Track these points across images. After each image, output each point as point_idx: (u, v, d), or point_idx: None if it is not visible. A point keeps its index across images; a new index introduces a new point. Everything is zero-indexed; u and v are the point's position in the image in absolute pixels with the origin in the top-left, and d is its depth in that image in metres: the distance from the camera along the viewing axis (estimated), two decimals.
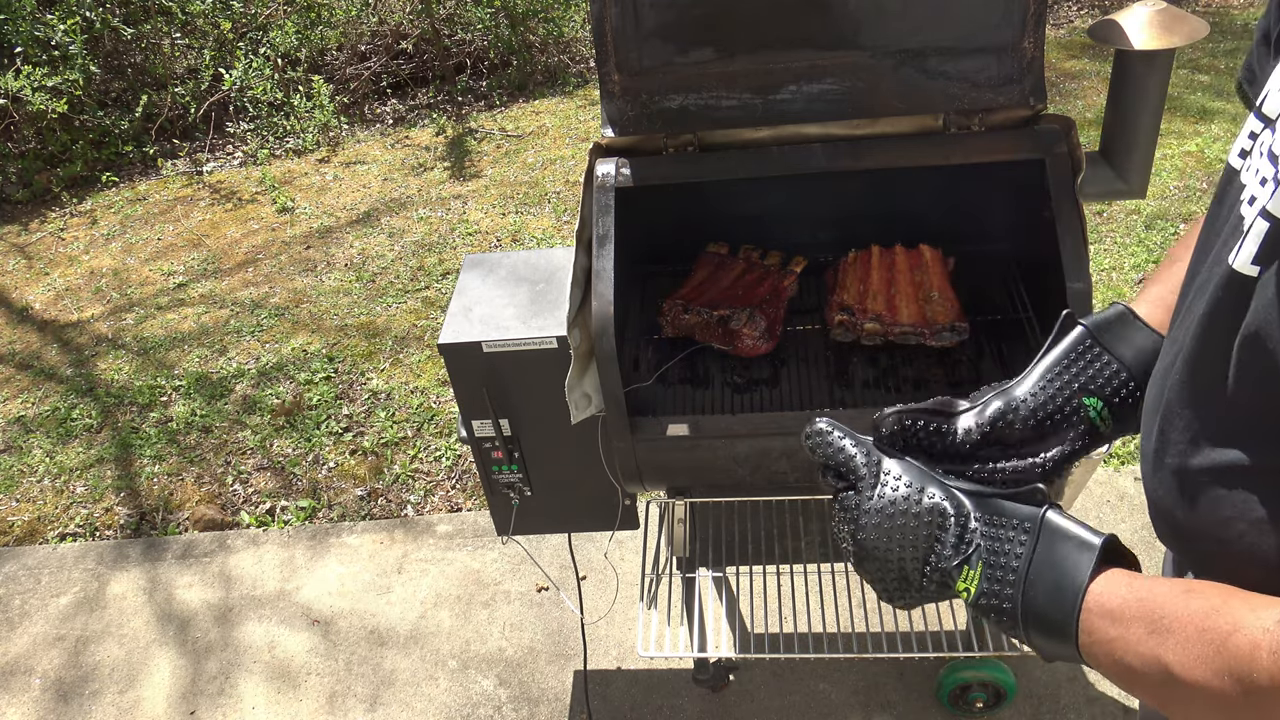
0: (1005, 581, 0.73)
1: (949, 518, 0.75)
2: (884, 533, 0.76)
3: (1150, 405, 0.80)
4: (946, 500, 0.76)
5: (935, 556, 0.76)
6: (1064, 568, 0.71)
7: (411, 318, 3.55)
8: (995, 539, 0.74)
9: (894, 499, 0.77)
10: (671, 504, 1.85)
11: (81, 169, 4.85)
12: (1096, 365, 0.87)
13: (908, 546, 0.76)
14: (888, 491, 0.77)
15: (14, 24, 4.43)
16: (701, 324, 1.70)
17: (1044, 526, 0.73)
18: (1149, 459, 0.79)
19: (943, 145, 1.46)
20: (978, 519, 0.75)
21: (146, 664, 2.43)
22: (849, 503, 0.78)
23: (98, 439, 3.17)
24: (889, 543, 0.76)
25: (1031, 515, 0.74)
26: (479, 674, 2.30)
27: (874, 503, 0.77)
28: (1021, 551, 0.73)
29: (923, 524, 0.76)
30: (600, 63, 1.48)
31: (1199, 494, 0.72)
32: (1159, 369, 0.80)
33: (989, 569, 0.74)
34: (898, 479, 0.77)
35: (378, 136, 5.06)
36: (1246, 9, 5.31)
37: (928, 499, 0.76)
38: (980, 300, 1.73)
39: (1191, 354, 0.72)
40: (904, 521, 0.76)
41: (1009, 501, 0.76)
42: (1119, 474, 2.60)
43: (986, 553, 0.74)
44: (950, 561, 0.75)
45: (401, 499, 2.83)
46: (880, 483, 0.77)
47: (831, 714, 2.12)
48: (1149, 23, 1.46)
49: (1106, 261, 3.38)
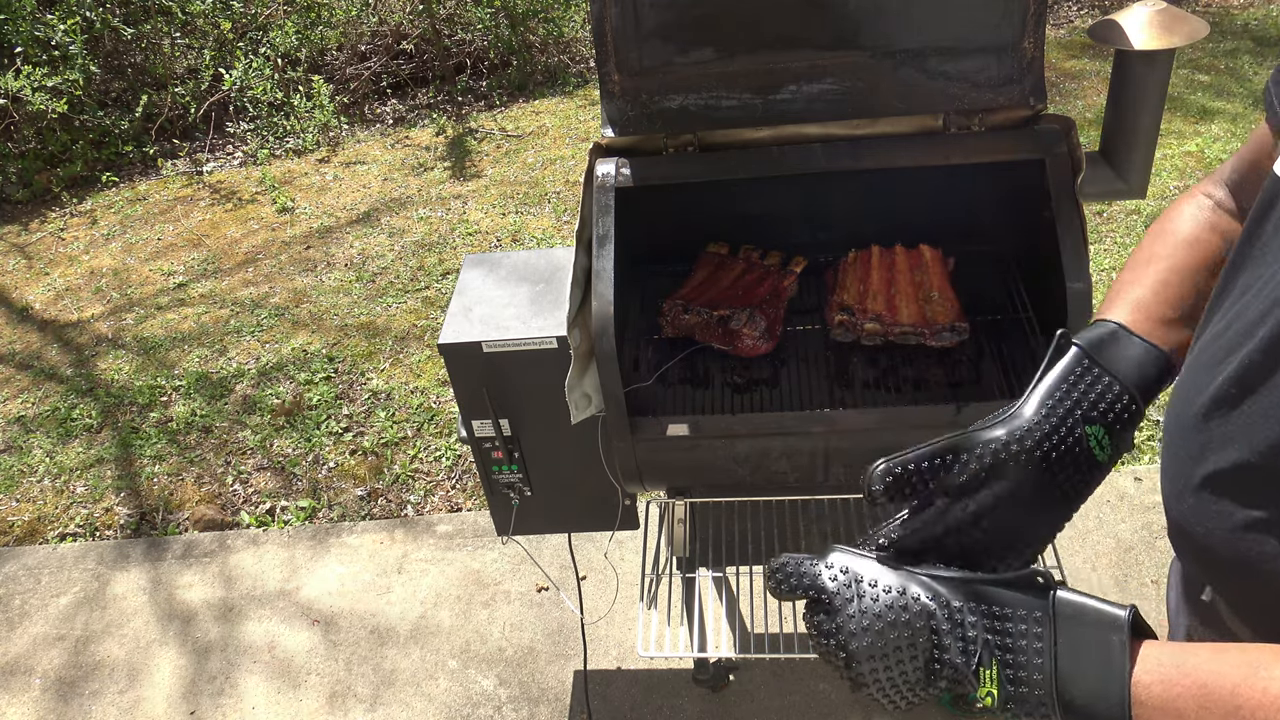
0: (1032, 683, 0.67)
1: (939, 618, 0.69)
2: (878, 641, 0.69)
3: (1179, 424, 0.77)
4: (933, 600, 0.70)
5: (939, 664, 0.69)
6: (1098, 656, 0.65)
7: (411, 317, 3.55)
8: (1003, 634, 0.68)
9: (878, 610, 0.70)
10: (671, 504, 1.85)
11: (81, 169, 4.85)
12: (1098, 389, 0.81)
13: (906, 657, 0.69)
14: (867, 602, 0.71)
15: (14, 24, 4.43)
16: (701, 324, 1.69)
17: (1058, 612, 0.67)
18: (1176, 478, 0.76)
19: (943, 145, 1.46)
20: (973, 611, 0.69)
21: (147, 664, 2.43)
22: (826, 627, 0.71)
23: (98, 439, 3.17)
24: (885, 656, 0.69)
25: (1038, 604, 0.68)
26: (479, 674, 2.30)
27: (857, 616, 0.70)
28: (1041, 646, 0.66)
29: (915, 629, 0.69)
30: (600, 63, 1.48)
31: (1233, 515, 0.70)
32: (1187, 388, 0.77)
33: (1007, 669, 0.67)
34: (873, 585, 0.71)
35: (378, 136, 5.06)
36: (1246, 9, 5.31)
37: (913, 600, 0.70)
38: (980, 300, 1.73)
39: (1247, 374, 0.69)
40: (897, 633, 0.69)
41: (1007, 590, 0.70)
42: (1119, 474, 2.60)
43: (998, 649, 0.68)
44: (958, 659, 0.68)
45: (401, 499, 2.83)
46: (859, 594, 0.71)
47: (831, 714, 2.12)
48: (1149, 23, 1.46)
49: (1106, 261, 3.38)
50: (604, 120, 1.52)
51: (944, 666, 0.68)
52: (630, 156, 1.51)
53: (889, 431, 1.47)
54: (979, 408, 1.46)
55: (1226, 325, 0.74)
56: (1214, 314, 0.79)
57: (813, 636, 0.73)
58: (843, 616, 0.70)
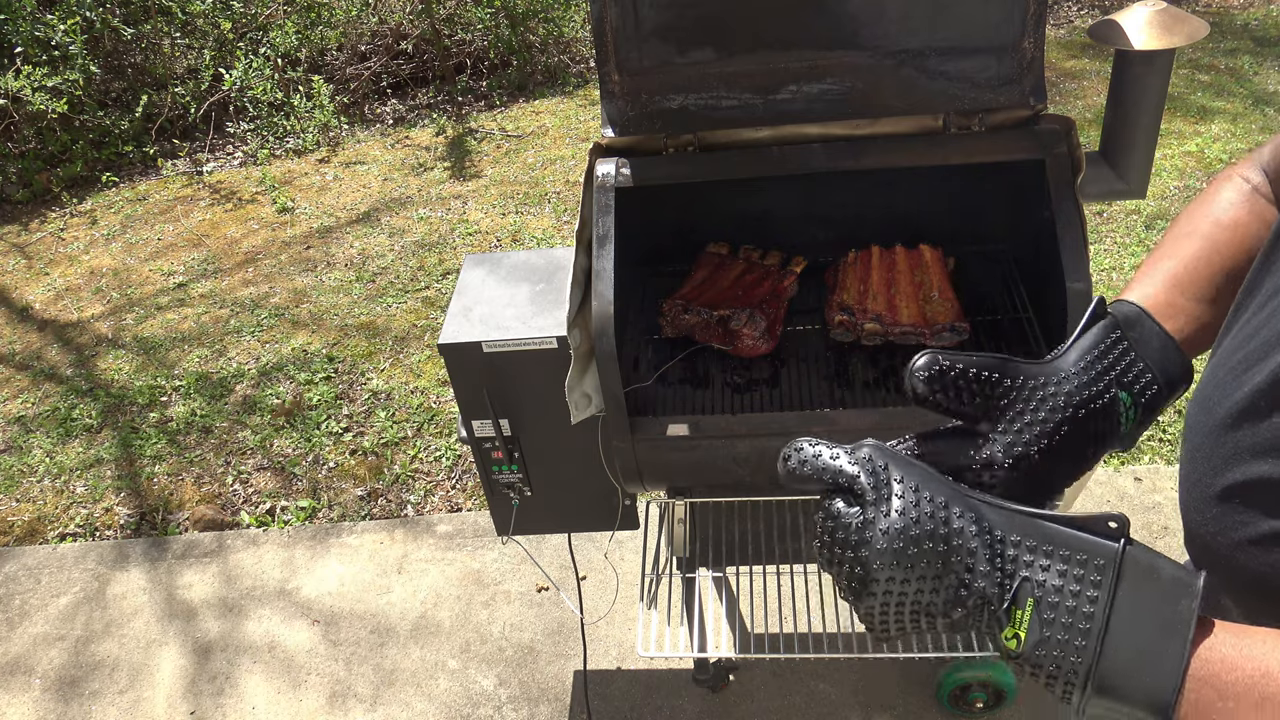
0: (1074, 630, 0.59)
1: (977, 543, 0.62)
2: (901, 558, 0.61)
3: (1201, 430, 0.76)
4: (974, 523, 0.62)
5: (966, 590, 0.61)
6: (1161, 618, 0.59)
7: (411, 317, 3.55)
8: (1052, 573, 0.61)
9: (916, 515, 0.61)
10: (671, 504, 1.85)
11: (81, 169, 4.85)
12: (1126, 360, 0.78)
13: (930, 577, 0.61)
14: (904, 504, 0.61)
15: (14, 24, 4.43)
16: (701, 324, 1.70)
17: (1126, 564, 0.60)
18: (1196, 486, 0.75)
19: (943, 145, 1.46)
20: (1016, 545, 0.62)
21: (147, 663, 2.43)
22: (850, 521, 0.62)
23: (98, 439, 3.17)
24: (907, 571, 0.61)
25: (1103, 550, 0.60)
26: (479, 673, 2.30)
27: (888, 521, 0.61)
28: (1096, 595, 0.59)
29: (952, 548, 0.61)
30: (600, 63, 1.48)
31: (1257, 526, 0.69)
32: (1210, 391, 0.76)
33: (1046, 611, 0.60)
34: (915, 491, 0.62)
35: (378, 136, 5.06)
36: (1246, 9, 5.31)
37: (955, 515, 0.62)
38: (980, 300, 1.73)
39: (1277, 386, 0.67)
40: (930, 545, 0.61)
41: (1069, 529, 0.62)
42: (1119, 474, 2.60)
43: (1039, 588, 0.60)
44: (992, 588, 0.61)
45: (401, 499, 2.83)
46: (893, 494, 0.62)
47: (831, 714, 2.12)
48: (1149, 23, 1.46)
49: (1106, 261, 3.38)
50: (604, 120, 1.52)
51: (970, 594, 0.61)
52: (630, 156, 1.51)
53: (889, 432, 1.47)
54: None
55: (1254, 330, 0.73)
56: (1240, 314, 0.78)
57: (822, 533, 0.63)
58: (872, 512, 0.61)
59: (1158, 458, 2.64)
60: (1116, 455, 2.65)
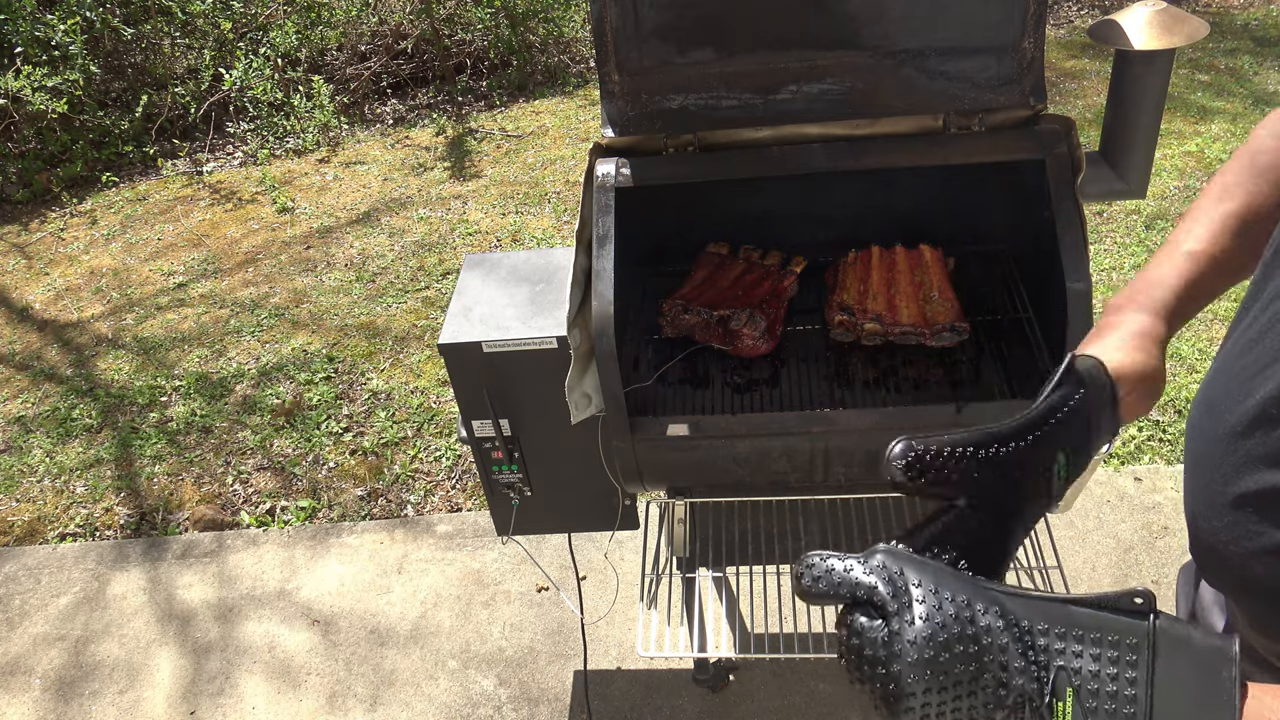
0: (1118, 715, 0.57)
1: (1005, 638, 0.59)
2: (934, 667, 0.57)
3: (1208, 437, 0.75)
4: (999, 617, 0.59)
5: (1005, 690, 0.58)
6: (1206, 692, 0.57)
7: (411, 318, 3.55)
8: (1086, 659, 0.59)
9: (942, 620, 0.58)
10: (671, 504, 1.85)
11: (81, 169, 4.85)
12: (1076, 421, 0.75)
13: (965, 681, 0.58)
14: (928, 610, 0.58)
15: (14, 24, 4.43)
16: (701, 324, 1.70)
17: (1159, 639, 0.58)
18: (1204, 495, 0.74)
19: (943, 145, 1.46)
20: (1044, 633, 0.59)
21: (146, 664, 2.43)
22: (875, 636, 0.58)
23: (98, 439, 3.17)
24: (943, 679, 0.58)
25: (1134, 628, 0.59)
26: (479, 674, 2.30)
27: (914, 630, 0.58)
28: (1135, 675, 0.57)
29: (984, 647, 0.58)
30: (600, 63, 1.48)
31: (1271, 536, 0.68)
32: (1216, 397, 0.75)
33: (1088, 699, 0.58)
34: (935, 594, 0.59)
35: (378, 136, 5.06)
36: (1246, 9, 5.31)
37: (980, 614, 0.58)
38: (980, 300, 1.73)
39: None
40: (961, 649, 0.58)
41: (1096, 611, 0.60)
42: (1119, 474, 2.60)
43: (1075, 676, 0.58)
44: (1031, 685, 0.58)
45: (401, 499, 2.83)
46: (914, 600, 0.59)
47: (831, 714, 2.12)
48: (1149, 23, 1.46)
49: (1106, 261, 3.38)
50: (604, 120, 1.52)
51: (1009, 692, 0.58)
52: (630, 156, 1.51)
53: (889, 431, 1.47)
54: (979, 408, 1.46)
55: (1260, 334, 0.72)
56: (1244, 316, 0.76)
57: (848, 651, 0.60)
58: (896, 623, 0.58)
59: (1158, 458, 2.64)
60: (1117, 455, 2.65)
